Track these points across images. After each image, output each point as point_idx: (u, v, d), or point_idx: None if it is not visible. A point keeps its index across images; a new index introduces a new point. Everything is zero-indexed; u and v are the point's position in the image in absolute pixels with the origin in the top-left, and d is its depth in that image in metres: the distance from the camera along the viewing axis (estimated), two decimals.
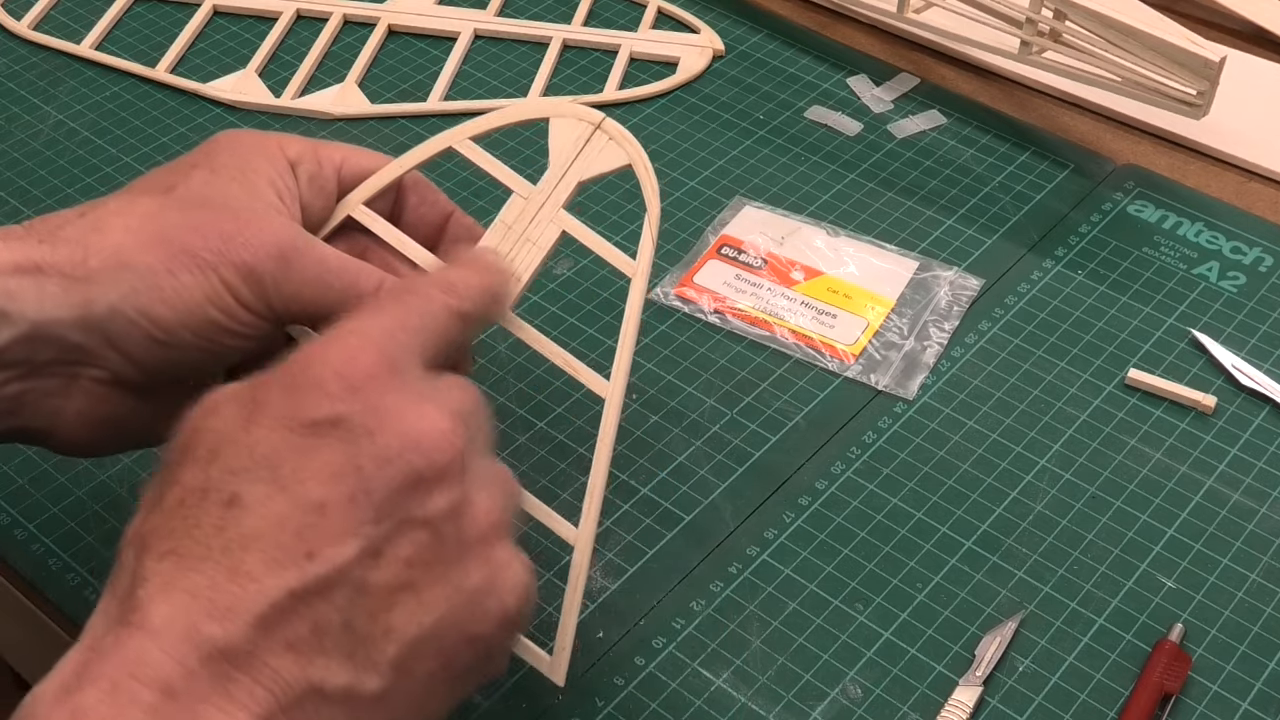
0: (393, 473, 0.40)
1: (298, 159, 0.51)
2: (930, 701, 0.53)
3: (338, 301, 0.48)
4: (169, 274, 0.46)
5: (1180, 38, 0.70)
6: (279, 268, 0.47)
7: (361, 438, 0.40)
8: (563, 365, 0.51)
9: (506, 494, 0.44)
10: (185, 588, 0.38)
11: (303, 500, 0.39)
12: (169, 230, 0.47)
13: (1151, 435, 0.63)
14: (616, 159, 0.51)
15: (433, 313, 0.45)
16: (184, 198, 0.48)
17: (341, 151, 0.53)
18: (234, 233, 0.47)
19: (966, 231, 0.73)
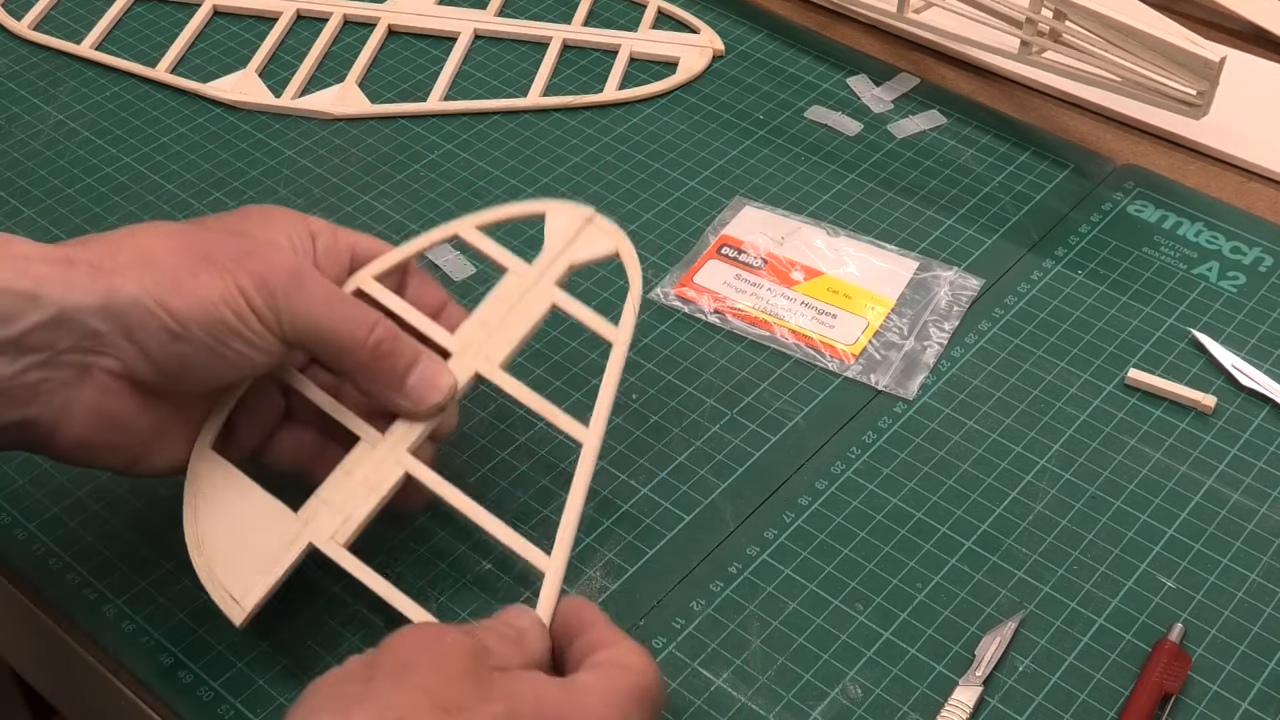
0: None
1: (318, 232, 0.56)
2: (930, 701, 0.53)
3: (340, 332, 0.52)
4: (189, 273, 0.50)
5: (1180, 38, 0.70)
6: (291, 285, 0.51)
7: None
8: (543, 413, 0.56)
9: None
10: None
11: None
12: (193, 242, 0.51)
13: (1151, 435, 0.63)
14: (605, 248, 0.58)
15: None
16: (212, 225, 0.54)
17: (357, 236, 0.57)
18: (252, 251, 0.52)
19: (966, 231, 0.73)
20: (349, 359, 0.53)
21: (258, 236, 0.53)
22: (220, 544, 0.52)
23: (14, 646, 0.63)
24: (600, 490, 0.61)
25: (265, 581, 0.52)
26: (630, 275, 0.57)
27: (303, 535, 0.53)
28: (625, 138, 0.79)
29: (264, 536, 0.52)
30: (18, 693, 0.93)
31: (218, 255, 0.51)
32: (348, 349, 0.53)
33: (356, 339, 0.53)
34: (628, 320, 0.56)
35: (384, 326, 0.53)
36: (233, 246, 0.51)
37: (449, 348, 0.56)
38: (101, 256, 0.50)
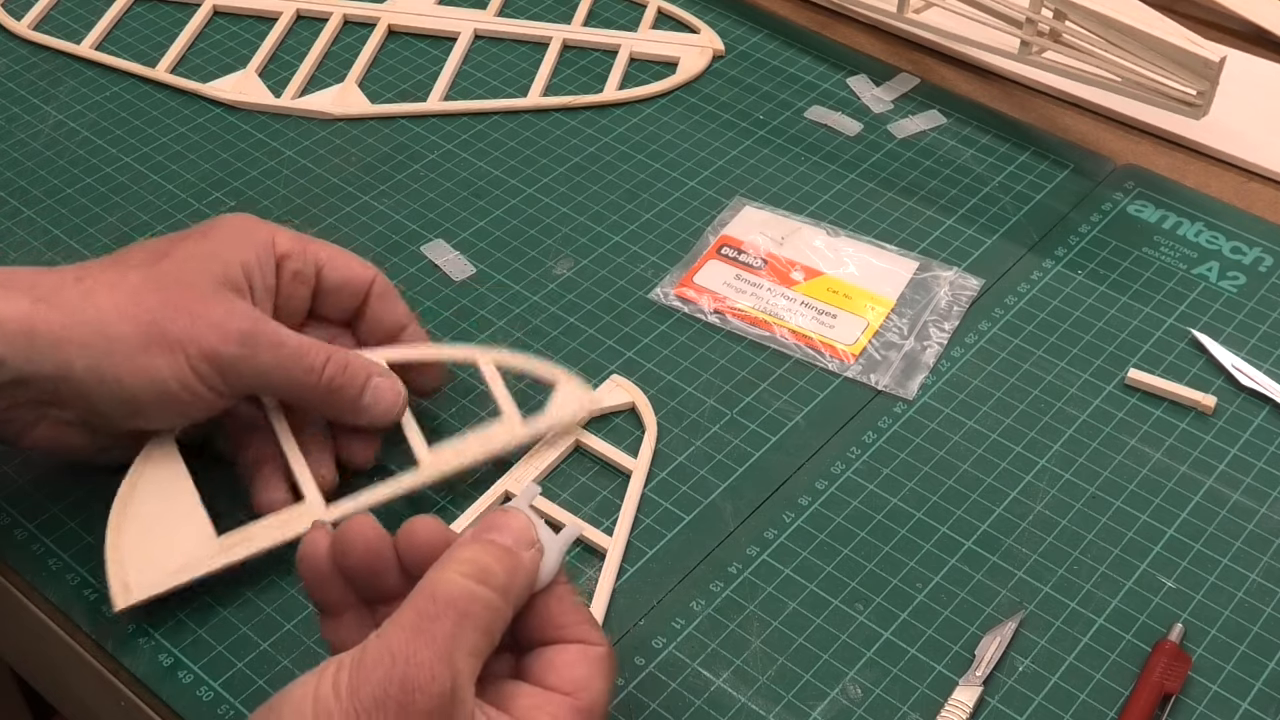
0: None
1: (286, 254, 0.58)
2: (930, 701, 0.53)
3: (291, 382, 0.56)
4: (142, 350, 0.53)
5: (1180, 38, 0.70)
6: (240, 351, 0.54)
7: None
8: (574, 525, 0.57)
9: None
10: None
11: None
12: (147, 307, 0.54)
13: (1151, 435, 0.63)
14: (623, 400, 0.64)
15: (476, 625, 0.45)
16: (165, 273, 0.55)
17: (328, 251, 0.60)
18: (201, 314, 0.54)
19: (966, 231, 0.73)
20: (304, 398, 0.57)
21: (213, 277, 0.55)
22: (140, 530, 0.55)
23: (14, 646, 0.63)
24: (599, 490, 0.61)
25: (161, 584, 0.54)
26: (647, 422, 0.63)
27: (214, 561, 0.55)
28: (625, 138, 0.79)
29: (182, 544, 0.55)
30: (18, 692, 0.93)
31: (169, 328, 0.53)
32: (301, 393, 0.57)
33: (307, 383, 0.56)
34: (645, 454, 0.62)
35: (333, 364, 0.57)
36: (183, 314, 0.54)
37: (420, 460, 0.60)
38: (60, 326, 0.53)
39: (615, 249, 0.72)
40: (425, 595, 0.44)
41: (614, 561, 0.57)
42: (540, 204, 0.74)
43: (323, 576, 0.48)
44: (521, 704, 0.45)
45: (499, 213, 0.74)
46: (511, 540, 0.46)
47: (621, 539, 0.58)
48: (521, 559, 0.46)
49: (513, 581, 0.46)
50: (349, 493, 0.58)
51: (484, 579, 0.45)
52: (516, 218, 0.74)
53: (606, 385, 0.64)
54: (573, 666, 0.47)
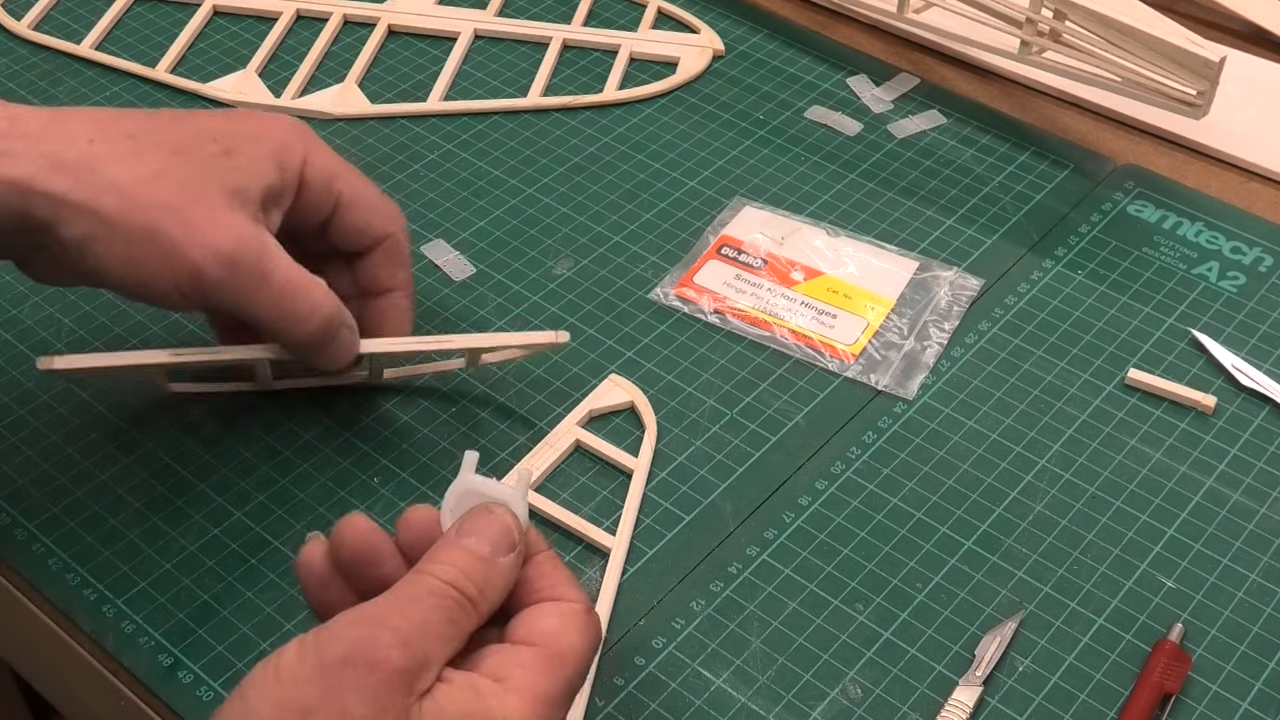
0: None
1: (309, 180, 0.57)
2: (930, 701, 0.53)
3: (265, 316, 0.55)
4: (130, 244, 0.52)
5: (1180, 38, 0.70)
6: (225, 275, 0.53)
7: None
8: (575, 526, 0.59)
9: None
10: None
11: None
12: (149, 203, 0.53)
13: (1151, 435, 0.63)
14: (622, 399, 0.64)
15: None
16: (184, 171, 0.54)
17: (352, 191, 0.59)
18: (200, 227, 0.53)
19: (966, 231, 0.73)
20: (279, 337, 0.56)
21: (224, 185, 0.54)
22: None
23: (14, 646, 0.63)
24: (600, 490, 0.61)
25: (88, 360, 0.57)
26: (646, 421, 0.63)
27: (152, 355, 0.58)
28: (625, 138, 0.79)
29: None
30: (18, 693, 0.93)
31: (162, 231, 0.52)
32: (280, 332, 0.56)
33: (291, 328, 0.55)
34: (645, 453, 0.62)
35: (319, 317, 0.55)
36: (182, 222, 0.53)
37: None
38: (59, 190, 0.52)
39: (615, 249, 0.72)
40: (406, 584, 0.44)
41: (618, 561, 0.57)
42: (540, 204, 0.74)
43: (321, 578, 0.48)
44: (489, 661, 0.45)
45: (499, 213, 0.74)
46: (490, 547, 0.46)
47: (624, 539, 0.58)
48: (498, 567, 0.46)
49: (486, 589, 0.45)
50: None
51: (459, 584, 0.45)
52: (516, 218, 0.74)
53: (606, 385, 0.64)
54: (543, 619, 0.47)
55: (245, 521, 0.59)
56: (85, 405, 0.63)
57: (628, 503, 0.60)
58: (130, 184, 0.53)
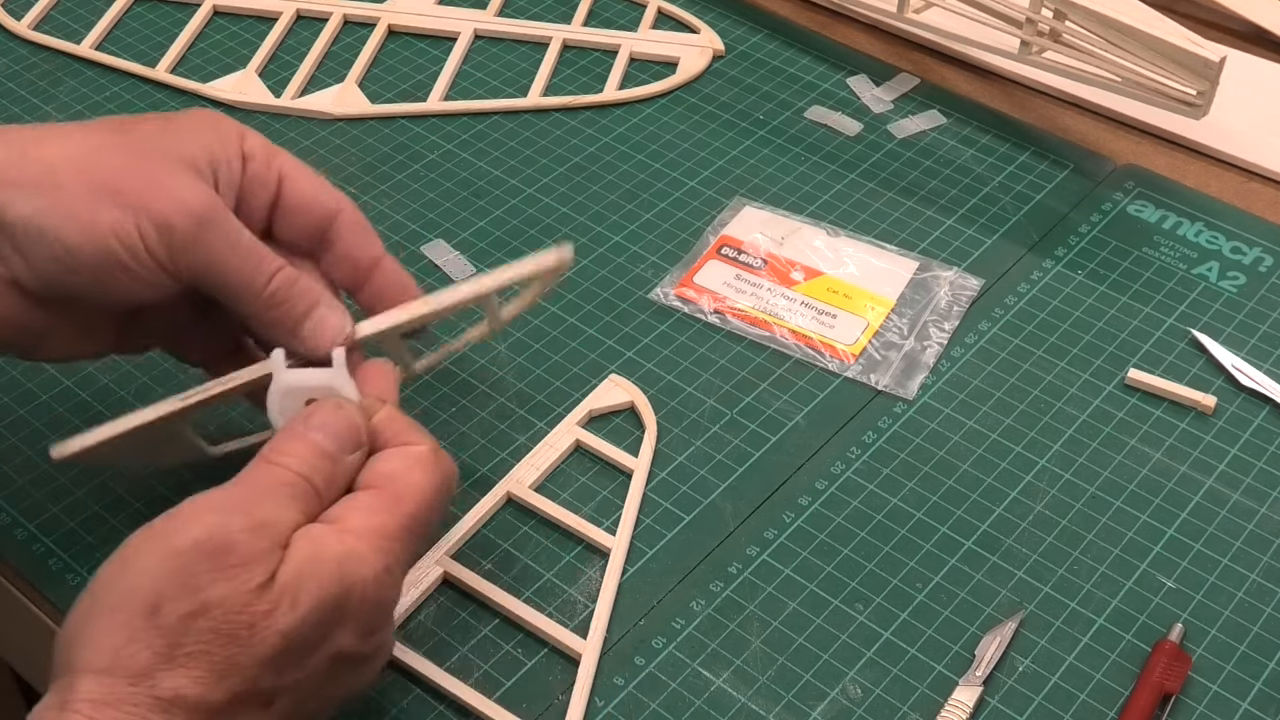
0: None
1: (251, 154, 0.54)
2: (930, 701, 0.53)
3: (236, 280, 0.51)
4: (87, 205, 0.49)
5: (1180, 38, 0.70)
6: (192, 227, 0.50)
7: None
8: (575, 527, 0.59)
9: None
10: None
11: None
12: (100, 165, 0.50)
13: (1151, 435, 0.63)
14: (621, 399, 0.64)
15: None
16: (128, 140, 0.51)
17: (294, 166, 0.55)
18: (160, 183, 0.50)
19: (966, 231, 0.73)
20: (244, 305, 0.52)
21: (176, 155, 0.51)
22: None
23: (14, 646, 0.63)
24: (600, 490, 0.61)
25: (101, 434, 0.51)
26: (646, 420, 0.63)
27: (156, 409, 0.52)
28: (625, 138, 0.79)
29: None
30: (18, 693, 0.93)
31: (123, 186, 0.49)
32: (243, 296, 0.52)
33: (253, 287, 0.52)
34: (645, 453, 0.62)
35: (284, 274, 0.52)
36: (141, 177, 0.50)
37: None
38: (5, 164, 0.49)
39: (615, 249, 0.72)
40: (256, 471, 0.46)
41: (618, 561, 0.57)
42: (540, 204, 0.74)
43: None
44: (334, 511, 0.47)
45: (499, 213, 0.74)
46: (336, 445, 0.48)
47: (624, 539, 0.58)
48: (344, 465, 0.48)
49: (331, 485, 0.47)
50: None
51: (308, 475, 0.46)
52: (516, 218, 0.74)
53: (606, 385, 0.64)
54: (384, 463, 0.48)
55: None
56: (85, 405, 0.63)
57: (628, 503, 0.60)
58: (79, 153, 0.50)
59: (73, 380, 0.64)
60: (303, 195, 0.54)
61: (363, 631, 0.46)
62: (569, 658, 0.54)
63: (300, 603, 0.44)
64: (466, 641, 0.55)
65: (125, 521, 0.59)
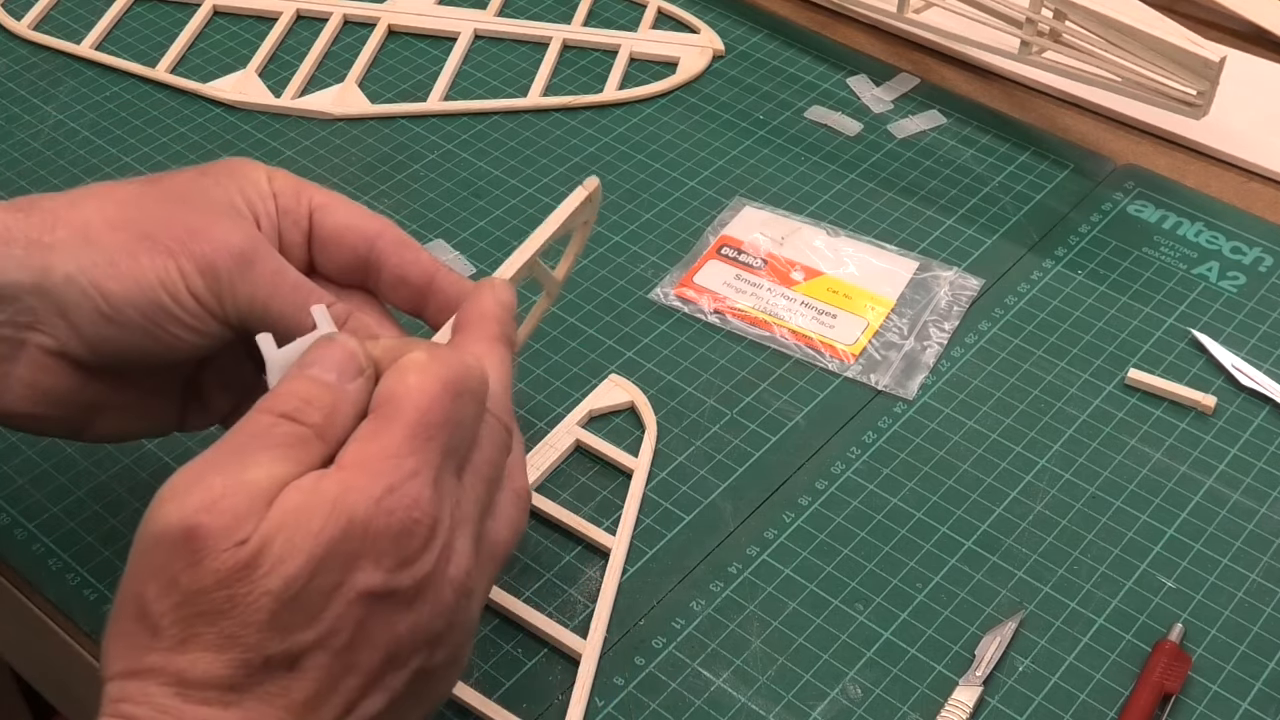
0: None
1: (280, 192, 0.52)
2: (930, 701, 0.53)
3: (284, 316, 0.49)
4: (128, 254, 0.48)
5: (1180, 38, 0.70)
6: (237, 267, 0.48)
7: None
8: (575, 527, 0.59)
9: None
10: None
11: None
12: (137, 217, 0.49)
13: (1151, 435, 0.63)
14: (622, 399, 0.64)
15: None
16: (163, 190, 0.50)
17: (324, 196, 0.53)
18: (200, 228, 0.49)
19: (966, 231, 0.73)
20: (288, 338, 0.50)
21: (213, 199, 0.50)
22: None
23: (14, 646, 0.63)
24: (600, 490, 0.61)
25: None
26: (647, 421, 0.63)
27: None
28: (625, 138, 0.79)
29: None
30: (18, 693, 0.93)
31: (162, 233, 0.48)
32: (294, 334, 0.49)
33: (304, 324, 0.50)
34: (645, 453, 0.61)
35: (334, 311, 0.50)
36: (178, 223, 0.49)
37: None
38: (40, 229, 0.48)
39: (615, 249, 0.72)
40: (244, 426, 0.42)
41: (618, 561, 0.57)
42: (540, 204, 0.74)
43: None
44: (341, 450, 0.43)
45: (499, 213, 0.74)
46: (335, 374, 0.43)
47: (624, 539, 0.58)
48: (346, 393, 0.43)
49: (335, 415, 0.43)
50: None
51: (300, 414, 0.42)
52: (516, 218, 0.74)
53: (606, 385, 0.64)
54: (382, 382, 0.44)
55: None
56: None
57: (628, 503, 0.60)
58: (112, 207, 0.49)
59: None
60: (337, 224, 0.53)
61: (392, 564, 0.41)
62: (569, 658, 0.54)
63: (288, 557, 0.40)
64: None
65: (125, 521, 0.59)
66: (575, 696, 0.53)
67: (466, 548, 0.44)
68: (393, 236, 0.53)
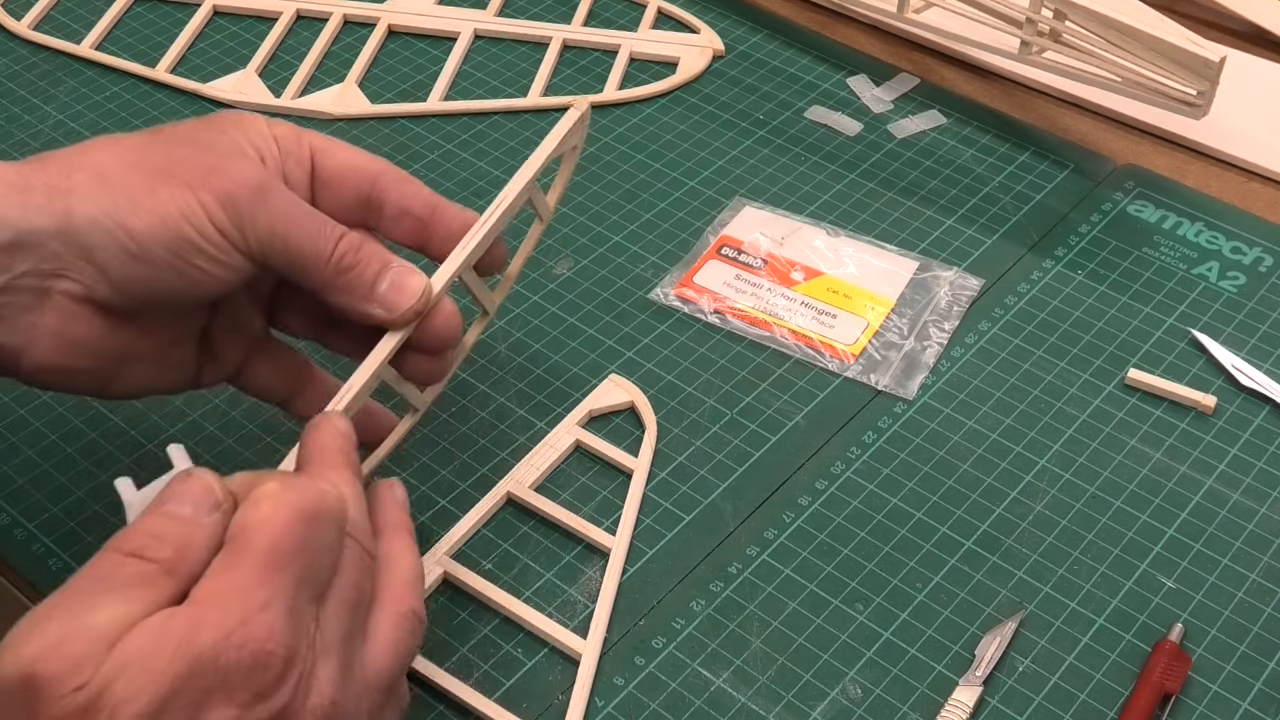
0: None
1: (281, 137, 0.53)
2: (930, 701, 0.53)
3: (305, 246, 0.50)
4: (148, 190, 0.48)
5: (1180, 38, 0.70)
6: (256, 199, 0.49)
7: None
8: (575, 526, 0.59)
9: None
10: None
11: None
12: (152, 158, 0.49)
13: (1151, 435, 0.63)
14: (622, 399, 0.64)
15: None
16: (170, 136, 0.51)
17: (323, 140, 0.54)
18: (215, 165, 0.49)
19: (966, 231, 0.73)
20: (315, 274, 0.51)
21: (219, 144, 0.51)
22: None
23: None
24: (600, 490, 0.61)
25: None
26: (647, 420, 0.63)
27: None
28: (625, 138, 0.79)
29: None
30: None
31: (178, 170, 0.49)
32: (313, 263, 0.51)
33: (321, 252, 0.50)
34: (645, 453, 0.61)
35: (349, 238, 0.51)
36: (194, 160, 0.49)
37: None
38: (57, 176, 0.48)
39: (615, 249, 0.72)
40: (92, 567, 0.41)
41: (618, 561, 0.57)
42: None
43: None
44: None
45: None
46: (190, 507, 0.43)
47: (624, 539, 0.58)
48: (202, 526, 0.42)
49: (188, 550, 0.42)
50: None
51: (147, 551, 0.42)
52: (516, 217, 0.73)
53: (606, 385, 0.64)
54: (236, 515, 0.43)
55: None
56: (85, 405, 0.63)
57: (628, 503, 0.60)
58: (125, 151, 0.49)
59: None
60: (339, 163, 0.53)
61: (246, 699, 0.40)
62: (569, 658, 0.54)
63: (131, 698, 0.38)
64: (466, 641, 0.55)
65: (125, 522, 0.59)
66: (575, 696, 0.53)
67: (331, 675, 0.42)
68: (393, 174, 0.54)
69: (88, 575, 0.41)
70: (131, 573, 0.41)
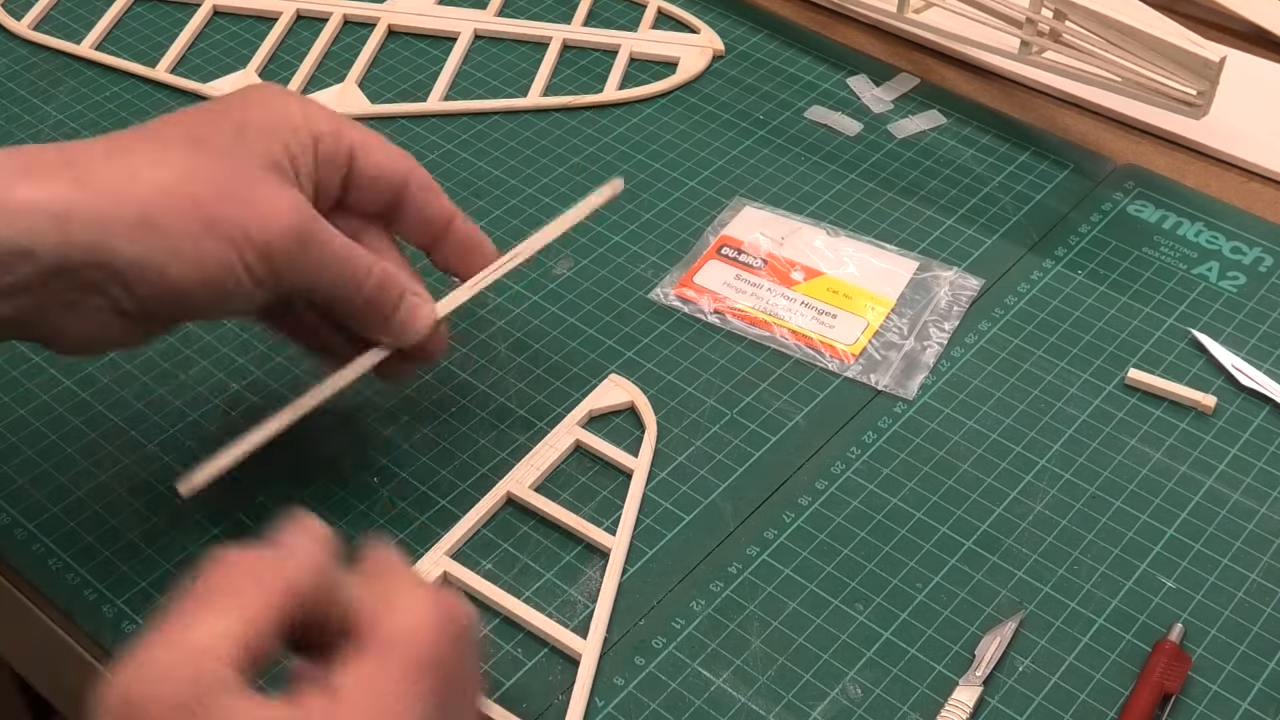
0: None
1: (320, 135, 0.54)
2: (930, 701, 0.53)
3: (337, 287, 0.53)
4: (192, 241, 0.49)
5: (1180, 38, 0.70)
6: (294, 248, 0.51)
7: None
8: (575, 527, 0.59)
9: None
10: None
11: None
12: (198, 195, 0.50)
13: (1151, 435, 0.63)
14: (622, 399, 0.64)
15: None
16: (212, 153, 0.52)
17: (361, 136, 0.56)
18: (254, 201, 0.51)
19: (966, 231, 0.73)
20: (341, 304, 0.54)
21: (256, 156, 0.52)
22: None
23: (14, 646, 0.63)
24: (600, 490, 0.61)
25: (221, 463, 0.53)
26: (646, 420, 0.63)
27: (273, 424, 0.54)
28: (625, 138, 0.79)
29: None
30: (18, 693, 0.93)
31: (220, 214, 0.50)
32: (341, 298, 0.54)
33: (350, 292, 0.54)
34: (645, 453, 0.62)
35: (376, 273, 0.54)
36: (235, 201, 0.50)
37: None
38: (101, 208, 0.48)
39: (615, 249, 0.72)
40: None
41: (618, 561, 0.57)
42: (540, 204, 0.74)
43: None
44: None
45: (499, 213, 0.74)
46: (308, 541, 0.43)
47: (624, 539, 0.58)
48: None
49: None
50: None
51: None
52: (516, 218, 0.73)
53: (606, 385, 0.64)
54: (399, 618, 0.42)
55: (245, 521, 0.59)
56: (85, 405, 0.63)
57: (628, 503, 0.60)
58: (169, 183, 0.50)
59: (73, 380, 0.64)
60: (375, 166, 0.56)
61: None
62: (569, 658, 0.54)
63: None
64: None
65: (125, 522, 0.59)
66: (575, 696, 0.53)
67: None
68: (420, 180, 0.57)
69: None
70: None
